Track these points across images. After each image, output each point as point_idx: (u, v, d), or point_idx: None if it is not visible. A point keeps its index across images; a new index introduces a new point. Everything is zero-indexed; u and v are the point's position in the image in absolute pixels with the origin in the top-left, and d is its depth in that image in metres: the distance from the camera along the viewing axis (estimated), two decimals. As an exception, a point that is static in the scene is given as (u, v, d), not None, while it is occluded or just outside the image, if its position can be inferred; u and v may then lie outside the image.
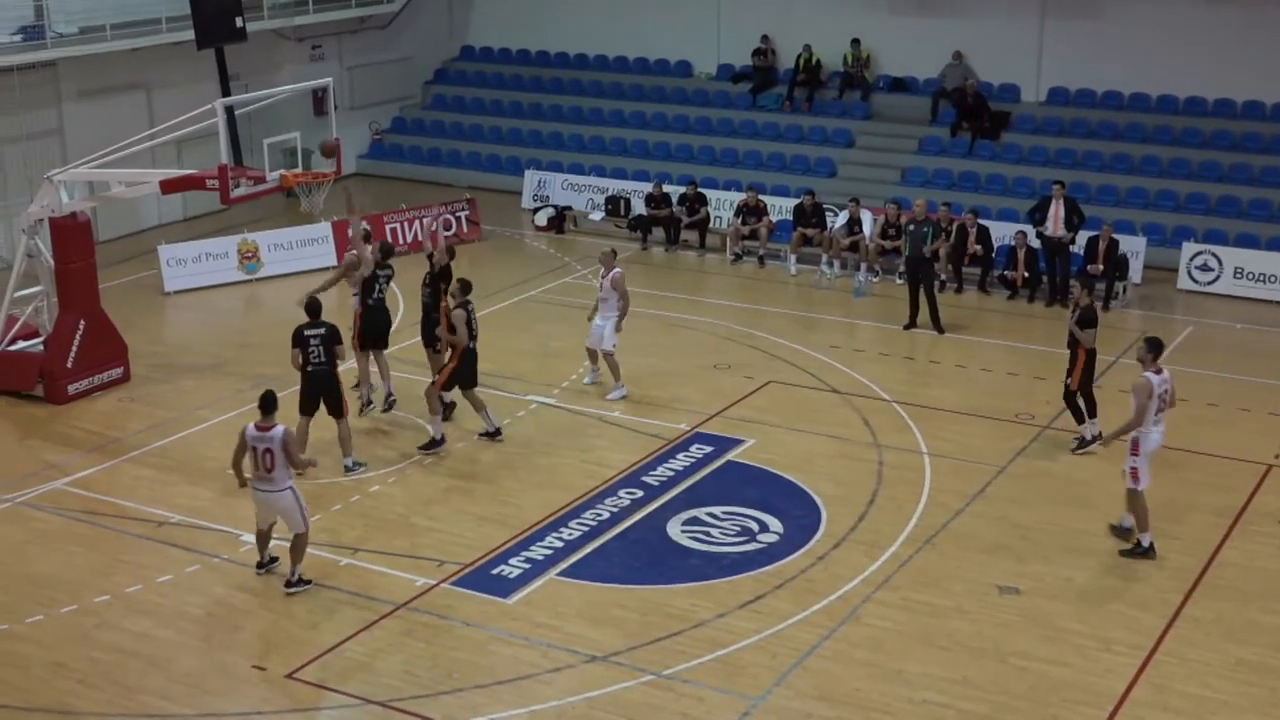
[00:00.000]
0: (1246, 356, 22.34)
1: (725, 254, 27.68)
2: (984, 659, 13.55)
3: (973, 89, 29.94)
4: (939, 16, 30.61)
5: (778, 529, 16.20)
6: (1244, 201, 26.99)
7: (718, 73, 33.43)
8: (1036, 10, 29.69)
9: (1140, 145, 28.54)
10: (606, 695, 12.98)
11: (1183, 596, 14.81)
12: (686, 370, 21.32)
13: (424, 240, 21.01)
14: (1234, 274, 25.47)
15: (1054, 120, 29.73)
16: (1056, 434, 19.04)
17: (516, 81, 35.18)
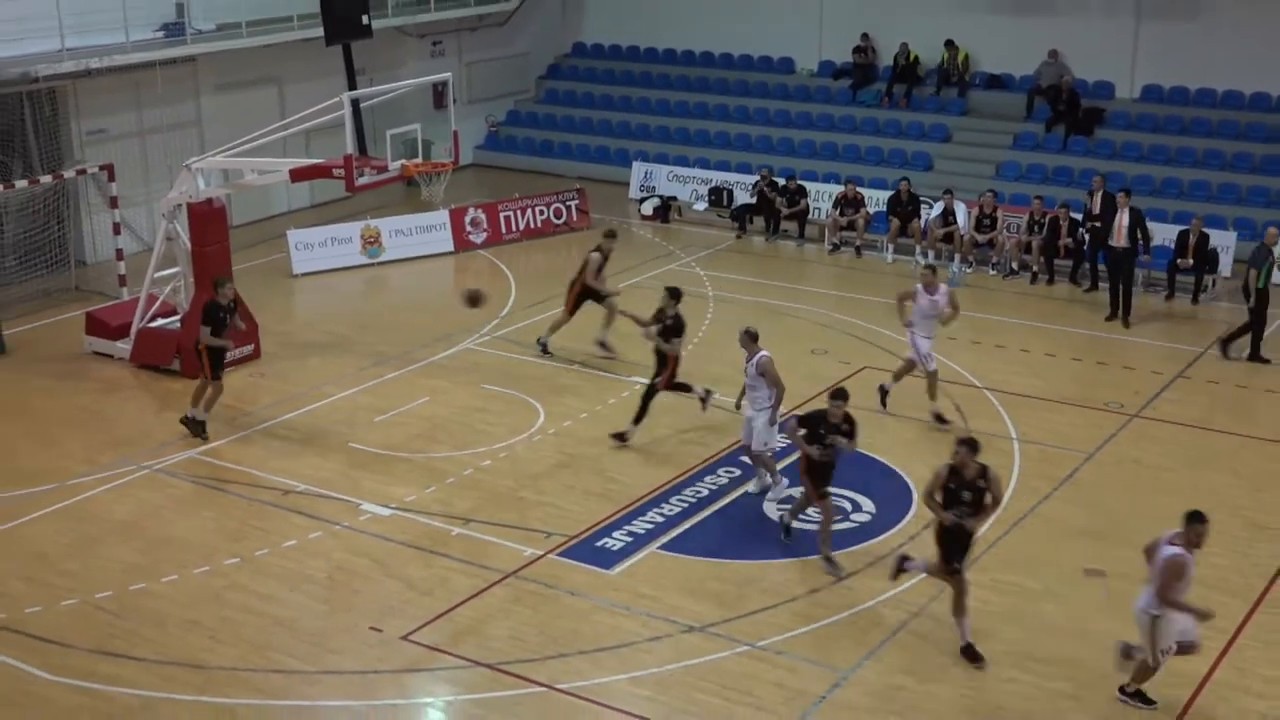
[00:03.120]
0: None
1: (824, 244, 27.55)
2: (1069, 639, 13.41)
3: (1068, 86, 29.50)
4: (1035, 15, 30.20)
5: (870, 509, 16.15)
6: (1336, 198, 26.40)
7: (819, 69, 33.25)
8: (1132, 10, 29.19)
9: (1232, 142, 27.96)
10: (704, 664, 13.02)
11: (1267, 582, 14.54)
12: (785, 355, 21.07)
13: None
14: (1323, 268, 24.88)
15: (1148, 117, 29.21)
16: (1145, 422, 18.75)
17: (625, 77, 35.24)
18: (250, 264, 24.98)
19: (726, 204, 29.35)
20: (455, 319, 22.88)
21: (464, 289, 15.89)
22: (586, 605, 14.07)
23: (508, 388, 19.70)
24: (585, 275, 20.59)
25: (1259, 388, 20.16)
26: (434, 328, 22.37)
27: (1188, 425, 18.69)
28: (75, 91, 25.51)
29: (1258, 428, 18.59)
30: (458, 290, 15.65)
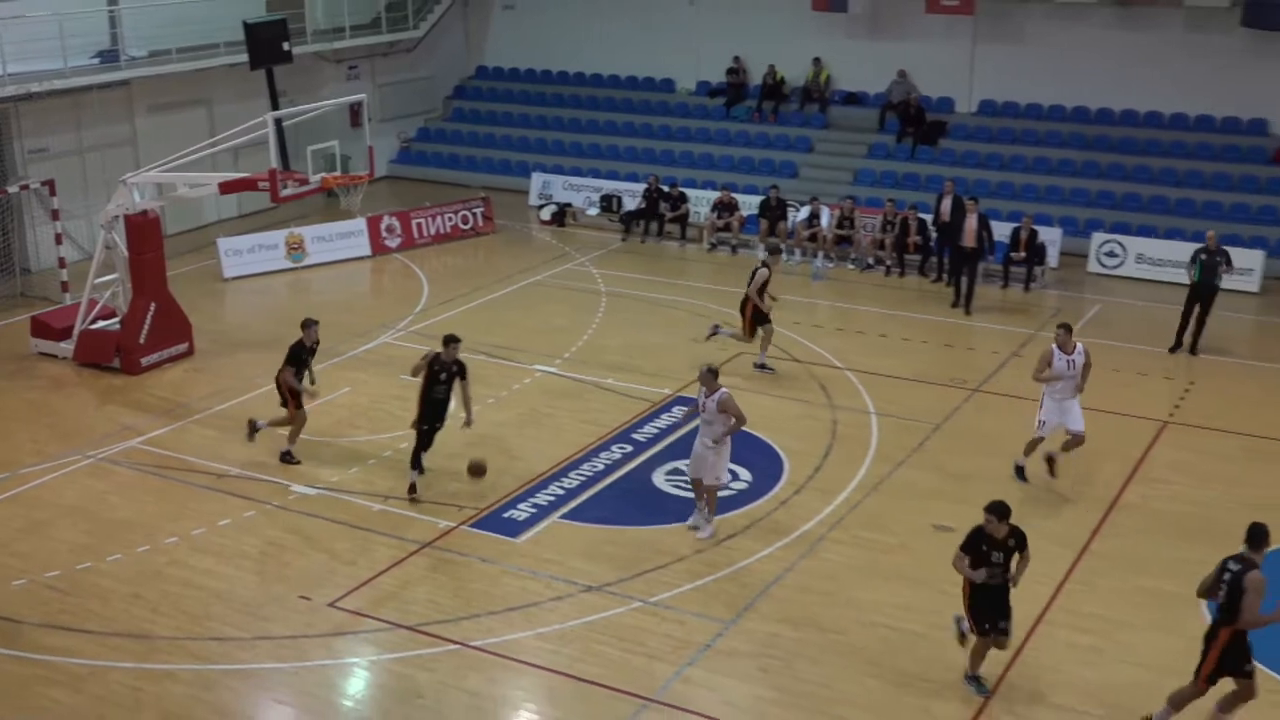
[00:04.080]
0: (1146, 329, 22.37)
1: (703, 244, 27.67)
2: (922, 587, 13.62)
3: (914, 102, 29.90)
4: (886, 39, 30.52)
5: (747, 478, 16.26)
6: (1145, 197, 27.01)
7: (697, 88, 33.31)
8: (969, 34, 29.60)
9: (1058, 149, 28.53)
10: (601, 619, 13.05)
11: (1090, 533, 14.90)
12: (669, 343, 21.33)
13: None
14: (1136, 259, 25.53)
15: (984, 129, 29.69)
16: (985, 396, 19.11)
17: (524, 96, 35.06)
18: (184, 269, 24.48)
19: (616, 209, 29.34)
20: (374, 317, 22.69)
21: (472, 463, 15.30)
22: (496, 570, 14.04)
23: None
24: (751, 291, 19.64)
25: (1106, 370, 20.53)
26: (354, 325, 22.11)
27: (1022, 398, 19.00)
28: (18, 113, 24.83)
29: (1098, 404, 18.99)
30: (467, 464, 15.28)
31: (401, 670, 12.28)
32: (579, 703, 11.75)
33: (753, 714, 11.58)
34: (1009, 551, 11.56)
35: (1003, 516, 11.46)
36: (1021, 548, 11.59)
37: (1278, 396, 19.27)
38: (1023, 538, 11.60)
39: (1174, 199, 26.80)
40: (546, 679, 12.14)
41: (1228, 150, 27.35)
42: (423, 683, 12.02)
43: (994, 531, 11.48)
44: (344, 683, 12.23)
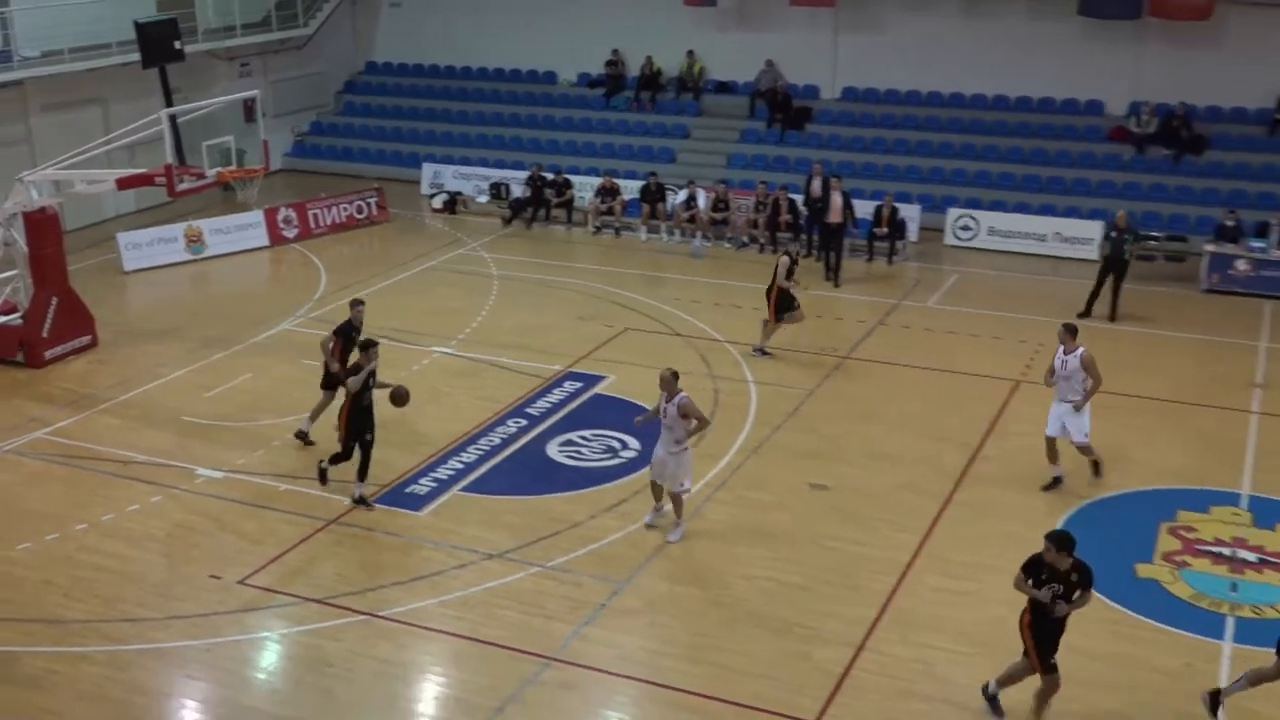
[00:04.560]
0: (999, 296, 22.92)
1: (588, 227, 27.63)
2: (801, 542, 13.82)
3: (782, 90, 30.14)
4: (754, 31, 30.69)
5: (636, 446, 16.29)
6: (994, 175, 27.60)
7: (578, 80, 33.18)
8: (830, 25, 29.92)
9: (915, 132, 28.98)
10: (502, 585, 13.01)
11: (953, 484, 15.23)
12: (559, 322, 21.30)
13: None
14: (988, 232, 26.10)
15: (847, 113, 30.03)
16: (853, 363, 19.40)
17: (413, 90, 34.59)
18: (84, 264, 23.76)
19: (505, 196, 29.14)
20: (274, 305, 22.27)
21: (395, 392, 14.82)
22: (400, 543, 13.91)
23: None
24: (777, 279, 19.28)
25: (942, 330, 21.03)
26: (255, 313, 21.70)
27: (887, 363, 19.41)
28: (-89, 115, 23.86)
29: (942, 362, 19.43)
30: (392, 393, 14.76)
31: (312, 642, 12.12)
32: (483, 664, 11.72)
33: (646, 667, 11.66)
34: (1070, 587, 10.23)
35: (1062, 547, 10.10)
36: (1085, 586, 10.24)
37: (1114, 354, 19.84)
38: (1088, 576, 10.25)
39: (1021, 175, 27.42)
40: (452, 643, 12.08)
41: (1068, 129, 28.04)
42: (332, 653, 11.88)
43: (1055, 562, 10.17)
44: (256, 656, 12.03)
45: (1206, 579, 13.08)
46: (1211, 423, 17.09)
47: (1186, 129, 26.78)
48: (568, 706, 11.11)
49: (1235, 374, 18.89)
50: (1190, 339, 20.68)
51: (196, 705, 11.31)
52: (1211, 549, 13.68)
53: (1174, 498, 14.84)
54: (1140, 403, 17.75)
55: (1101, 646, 11.83)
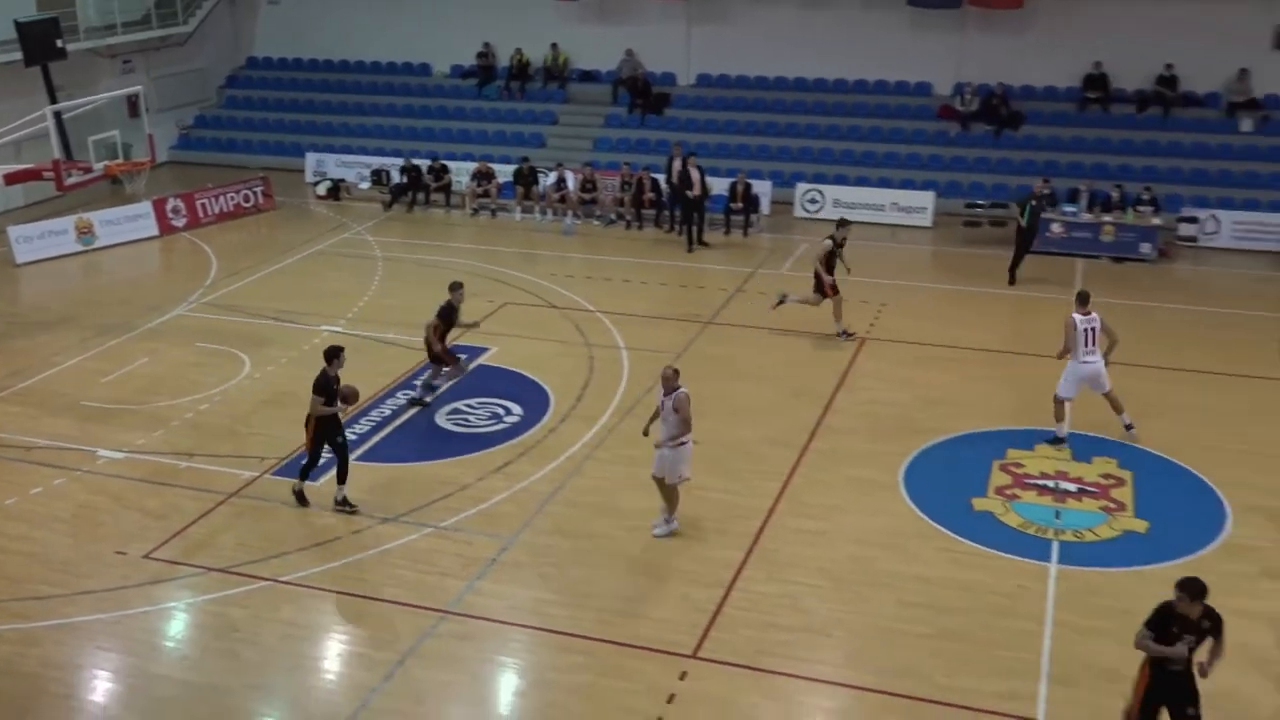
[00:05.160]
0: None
1: (465, 210, 27.30)
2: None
3: (641, 77, 30.12)
4: (614, 23, 30.58)
5: (519, 412, 16.24)
6: (837, 151, 28.02)
7: (451, 71, 32.68)
8: (684, 17, 29.97)
9: (764, 114, 29.24)
10: (398, 546, 12.87)
11: (809, 435, 15.50)
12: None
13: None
14: (833, 204, 26.48)
15: (702, 98, 30.15)
16: (717, 327, 19.56)
17: (293, 83, 33.64)
18: (-24, 258, 22.73)
19: (386, 182, 28.61)
20: (166, 291, 21.56)
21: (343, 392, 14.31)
22: (298, 512, 13.62)
23: (217, 344, 18.72)
24: (820, 261, 18.69)
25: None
26: (148, 300, 20.98)
27: (748, 326, 19.62)
28: None
29: (795, 324, 19.70)
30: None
31: (218, 609, 11.83)
32: (383, 620, 11.59)
33: (536, 615, 11.67)
34: (1201, 634, 8.94)
35: (1196, 596, 8.81)
36: (1217, 632, 8.92)
37: (945, 311, 20.40)
38: (1219, 621, 8.92)
39: (860, 152, 27.89)
40: (353, 603, 11.91)
41: (901, 109, 28.60)
42: (238, 619, 11.62)
43: (1186, 611, 8.84)
44: (164, 626, 11.70)
45: (1034, 509, 13.56)
46: (1035, 369, 17.65)
47: (1005, 107, 27.54)
48: (464, 655, 11.07)
49: (1054, 325, 19.51)
50: (1013, 295, 21.34)
51: (108, 675, 10.96)
52: (1037, 482, 14.18)
53: (1004, 438, 15.33)
54: (972, 354, 18.28)
55: (944, 574, 12.21)
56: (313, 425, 13.23)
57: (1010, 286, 21.57)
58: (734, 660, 10.89)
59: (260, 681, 10.75)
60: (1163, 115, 26.81)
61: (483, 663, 11.02)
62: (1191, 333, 19.09)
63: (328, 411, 13.16)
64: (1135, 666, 10.74)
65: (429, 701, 10.45)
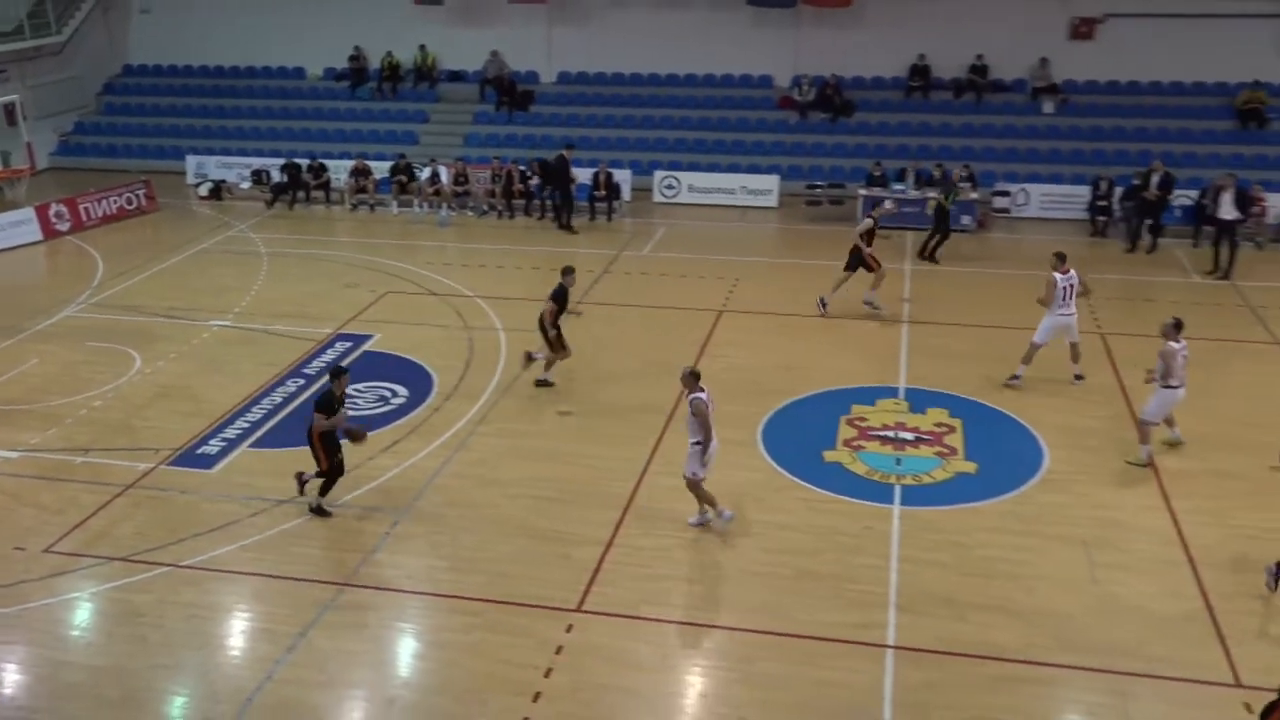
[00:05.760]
0: (700, 242, 23.53)
1: (345, 205, 26.67)
2: (554, 462, 13.88)
3: (507, 76, 29.79)
4: (478, 26, 30.15)
5: (404, 393, 15.99)
6: (690, 141, 28.19)
7: (325, 74, 31.80)
8: (544, 19, 29.72)
9: (621, 108, 29.23)
10: (295, 526, 12.57)
11: (675, 401, 15.60)
12: (327, 290, 20.54)
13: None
14: (688, 189, 26.69)
15: (564, 94, 29.99)
16: (589, 305, 19.49)
17: (170, 89, 32.29)
18: None
19: (266, 182, 27.76)
20: (53, 294, 20.54)
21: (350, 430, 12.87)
22: (196, 500, 13.19)
23: (107, 342, 17.93)
24: (861, 238, 18.37)
25: (656, 274, 21.42)
26: (36, 303, 19.96)
27: (615, 304, 19.64)
28: None
29: (659, 300, 19.83)
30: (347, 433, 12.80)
31: (120, 597, 11.39)
32: (284, 596, 11.32)
33: (429, 581, 11.54)
34: None
35: None
36: None
37: (792, 283, 20.76)
38: None
39: (711, 140, 28.12)
40: (254, 582, 11.59)
41: (745, 100, 28.90)
42: (141, 604, 11.20)
43: None
44: (68, 616, 11.20)
45: (877, 458, 13.94)
46: (873, 333, 18.13)
47: (838, 96, 28.08)
48: (364, 624, 10.88)
49: (887, 292, 20.06)
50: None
51: (14, 666, 10.45)
52: (879, 433, 14.57)
53: (849, 395, 15.70)
54: (818, 321, 18.65)
55: (801, 520, 12.47)
56: (317, 441, 12.60)
57: (921, 260, 21.93)
58: (616, 611, 10.96)
59: (167, 662, 10.40)
60: (976, 100, 27.69)
61: (382, 629, 10.86)
62: (1008, 293, 19.80)
63: (326, 426, 12.56)
64: (970, 592, 11.21)
65: (332, 669, 10.26)
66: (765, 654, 10.32)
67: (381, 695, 9.95)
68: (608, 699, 9.78)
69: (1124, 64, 27.15)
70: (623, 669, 10.14)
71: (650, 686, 9.96)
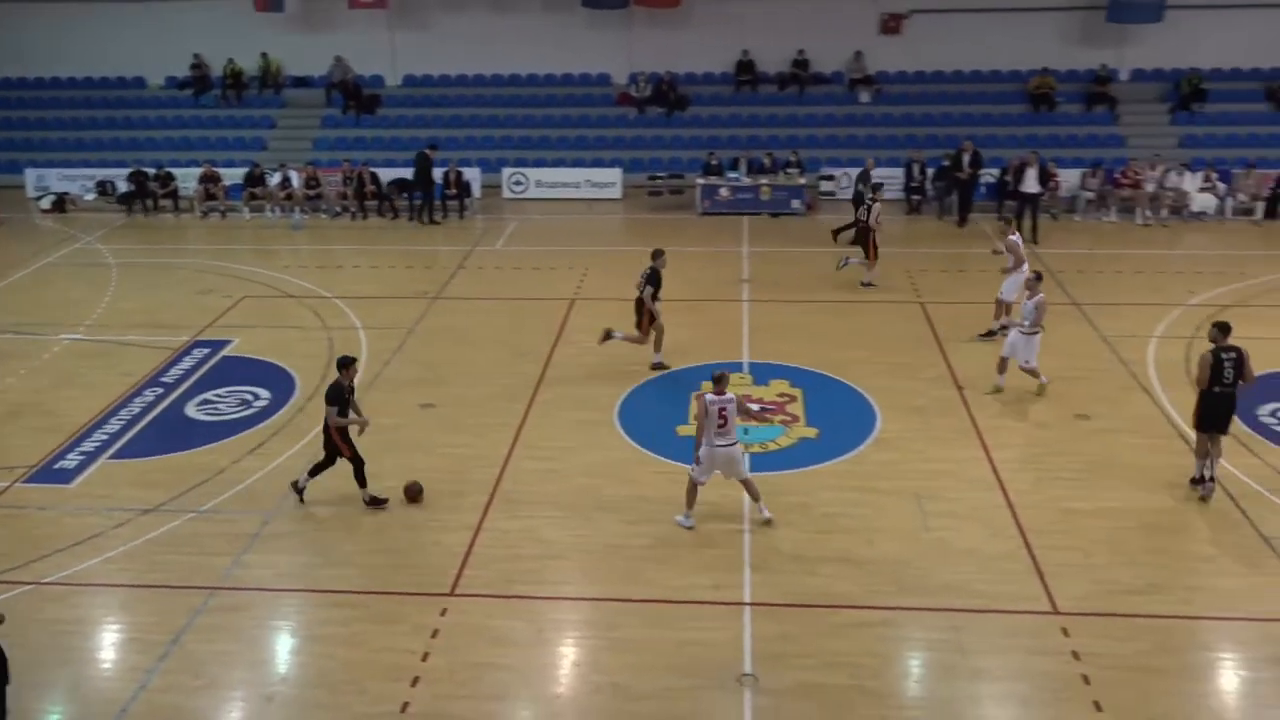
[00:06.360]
0: (550, 235, 23.44)
1: (195, 212, 25.53)
2: (419, 452, 13.64)
3: (351, 81, 28.98)
4: (320, 32, 29.19)
5: (267, 396, 15.44)
6: (534, 138, 27.97)
7: (167, 83, 30.29)
8: (385, 24, 29.01)
9: (467, 109, 28.79)
10: (161, 534, 11.99)
11: (534, 388, 15.53)
12: (180, 298, 19.63)
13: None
14: (536, 184, 26.53)
15: (410, 97, 29.35)
16: (444, 301, 19.24)
17: (5, 102, 30.17)
18: None
19: (111, 193, 26.32)
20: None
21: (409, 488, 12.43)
22: (55, 515, 12.43)
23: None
24: (871, 221, 19.19)
25: (509, 267, 21.24)
26: None
27: (471, 298, 19.41)
28: None
29: (513, 291, 19.69)
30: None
31: (-20, 618, 10.66)
32: (153, 605, 10.78)
33: (304, 578, 11.19)
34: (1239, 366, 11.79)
35: None
36: None
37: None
38: None
39: (555, 137, 27.99)
40: (121, 593, 11.02)
41: (586, 97, 28.86)
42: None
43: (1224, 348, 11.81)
44: (-76, 643, 10.43)
45: (726, 429, 14.14)
46: (718, 312, 18.42)
47: (673, 91, 28.33)
48: (238, 625, 10.48)
49: (729, 274, 20.45)
50: (695, 251, 22.12)
51: None
52: (727, 406, 14.79)
53: (698, 373, 15.90)
54: (665, 304, 18.78)
55: (658, 493, 12.57)
56: (336, 435, 12.11)
57: None
58: (488, 592, 10.85)
59: (33, 679, 9.77)
60: (799, 92, 28.35)
61: (257, 629, 10.48)
62: (836, 271, 20.37)
63: (343, 423, 12.08)
64: (817, 547, 11.53)
65: (208, 673, 9.85)
66: (631, 620, 10.39)
67: (259, 693, 9.62)
68: (485, 676, 9.69)
69: (929, 55, 28.23)
70: (497, 646, 10.06)
71: (525, 661, 9.91)
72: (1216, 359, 11.98)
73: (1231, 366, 11.99)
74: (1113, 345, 15.63)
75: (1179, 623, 10.22)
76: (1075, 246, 21.90)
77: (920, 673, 9.81)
